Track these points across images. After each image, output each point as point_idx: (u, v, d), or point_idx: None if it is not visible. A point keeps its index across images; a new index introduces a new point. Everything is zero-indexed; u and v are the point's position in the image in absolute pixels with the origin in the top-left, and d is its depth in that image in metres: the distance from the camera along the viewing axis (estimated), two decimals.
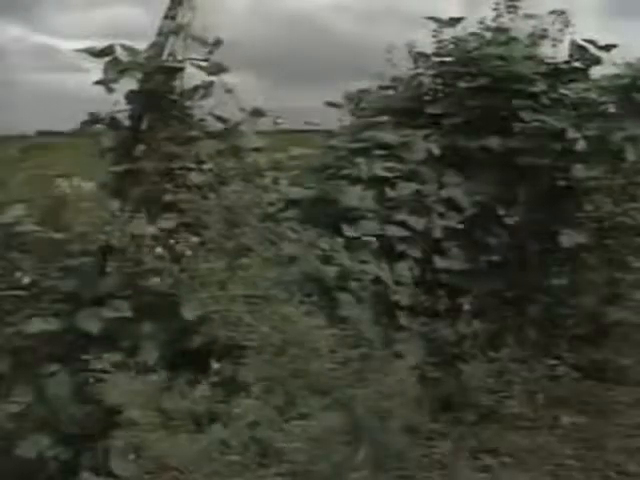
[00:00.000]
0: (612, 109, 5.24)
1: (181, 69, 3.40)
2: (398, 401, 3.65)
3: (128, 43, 3.51)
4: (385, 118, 5.35)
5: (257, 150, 3.60)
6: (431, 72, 5.50)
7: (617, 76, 5.38)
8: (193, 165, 3.34)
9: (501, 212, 4.94)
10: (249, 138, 3.56)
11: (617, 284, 5.42)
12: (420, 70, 5.58)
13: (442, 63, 5.48)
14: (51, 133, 5.41)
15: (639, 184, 5.30)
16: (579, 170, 4.81)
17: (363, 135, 5.14)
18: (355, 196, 4.49)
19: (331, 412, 3.21)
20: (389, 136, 5.08)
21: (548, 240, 4.98)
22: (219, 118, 3.47)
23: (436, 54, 5.54)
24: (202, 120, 3.49)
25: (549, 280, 5.17)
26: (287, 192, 4.22)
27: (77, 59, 3.60)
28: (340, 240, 4.22)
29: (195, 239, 3.32)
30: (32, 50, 19.23)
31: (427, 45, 5.60)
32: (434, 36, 5.45)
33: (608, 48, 5.35)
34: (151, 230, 3.24)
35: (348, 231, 4.29)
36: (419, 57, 5.60)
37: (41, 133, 5.67)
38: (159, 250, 3.25)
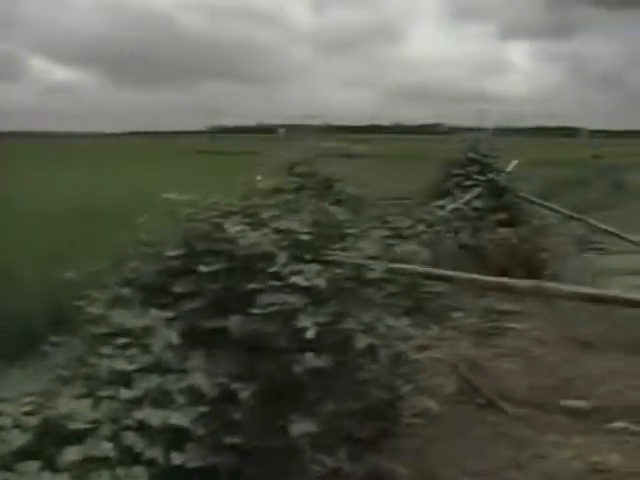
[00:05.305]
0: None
1: None
2: None
3: None
4: (133, 294, 5.37)
5: None
6: (175, 250, 5.48)
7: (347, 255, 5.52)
8: None
9: (241, 393, 5.03)
10: None
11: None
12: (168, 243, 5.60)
13: (186, 240, 5.50)
14: None
15: None
16: (308, 360, 4.95)
17: (108, 319, 5.14)
18: (84, 410, 4.48)
19: None
20: (132, 320, 5.10)
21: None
22: None
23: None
24: None
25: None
26: None
27: None
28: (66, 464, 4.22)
29: None
30: None
31: None
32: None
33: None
34: None
35: (73, 454, 4.30)
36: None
37: None
38: None
